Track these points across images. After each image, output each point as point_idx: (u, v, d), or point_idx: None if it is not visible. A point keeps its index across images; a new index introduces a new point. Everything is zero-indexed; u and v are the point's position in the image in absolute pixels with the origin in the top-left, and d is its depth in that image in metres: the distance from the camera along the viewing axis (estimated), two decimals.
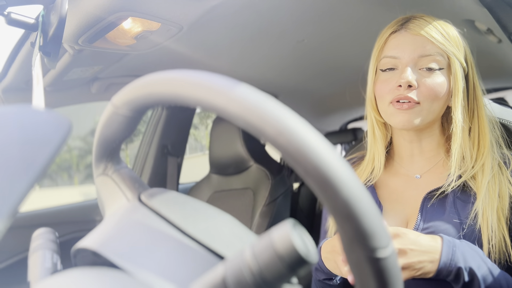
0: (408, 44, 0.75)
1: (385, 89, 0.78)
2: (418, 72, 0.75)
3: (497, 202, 0.72)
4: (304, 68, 1.63)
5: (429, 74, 0.75)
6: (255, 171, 1.71)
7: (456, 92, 0.75)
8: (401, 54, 0.76)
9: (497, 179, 0.74)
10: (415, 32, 0.75)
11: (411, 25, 0.76)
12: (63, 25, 0.80)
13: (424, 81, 0.74)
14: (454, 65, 0.75)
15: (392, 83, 0.77)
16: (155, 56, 1.26)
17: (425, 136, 0.81)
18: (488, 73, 1.74)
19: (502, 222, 0.71)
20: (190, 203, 0.39)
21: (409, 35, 0.76)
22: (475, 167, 0.75)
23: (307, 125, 0.28)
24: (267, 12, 1.07)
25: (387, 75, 0.78)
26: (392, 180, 0.85)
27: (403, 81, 0.74)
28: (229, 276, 0.26)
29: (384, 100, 0.78)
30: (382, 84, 0.79)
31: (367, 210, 0.28)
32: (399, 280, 0.31)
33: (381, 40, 0.80)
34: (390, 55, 0.77)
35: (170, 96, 0.32)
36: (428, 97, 0.74)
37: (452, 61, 0.75)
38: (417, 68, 0.75)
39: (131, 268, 0.31)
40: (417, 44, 0.75)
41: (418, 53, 0.74)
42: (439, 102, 0.75)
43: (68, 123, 0.29)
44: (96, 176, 0.42)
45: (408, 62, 0.75)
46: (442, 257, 0.62)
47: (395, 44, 0.77)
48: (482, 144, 0.76)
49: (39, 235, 0.40)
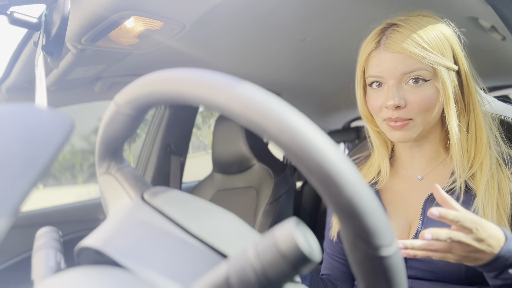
0: (389, 63, 0.73)
1: (376, 106, 0.76)
2: (405, 88, 0.73)
3: (496, 199, 0.71)
4: (307, 66, 1.63)
5: (416, 89, 0.72)
6: (258, 170, 1.71)
7: (447, 100, 0.73)
8: (384, 74, 0.74)
9: (496, 176, 0.73)
10: (393, 50, 0.72)
11: (389, 42, 0.73)
12: (65, 25, 0.80)
13: (412, 97, 0.72)
14: (441, 74, 0.72)
15: (381, 100, 0.75)
16: (158, 55, 1.26)
17: (425, 141, 0.81)
18: (492, 70, 1.73)
19: (504, 219, 0.70)
20: (193, 201, 0.39)
21: (388, 53, 0.73)
22: (474, 165, 0.74)
23: (310, 123, 0.28)
24: (270, 10, 1.07)
25: (376, 92, 0.77)
26: (394, 182, 0.84)
27: (389, 104, 0.72)
28: (232, 275, 0.26)
29: (378, 117, 0.78)
30: (373, 101, 0.77)
31: (370, 208, 0.28)
32: (403, 278, 0.31)
33: (362, 58, 0.79)
34: (374, 75, 0.75)
35: (173, 95, 0.32)
36: (419, 111, 0.73)
37: (437, 70, 0.72)
38: (403, 83, 0.73)
39: (134, 267, 0.31)
40: (398, 62, 0.72)
41: (399, 71, 0.72)
42: (432, 112, 0.74)
43: (70, 122, 0.29)
44: (99, 175, 0.42)
45: (392, 80, 0.73)
46: (506, 245, 0.61)
47: (376, 63, 0.75)
48: (479, 140, 0.75)
49: (42, 234, 0.40)
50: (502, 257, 0.60)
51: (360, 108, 0.84)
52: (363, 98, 0.82)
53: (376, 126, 0.84)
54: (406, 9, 0.82)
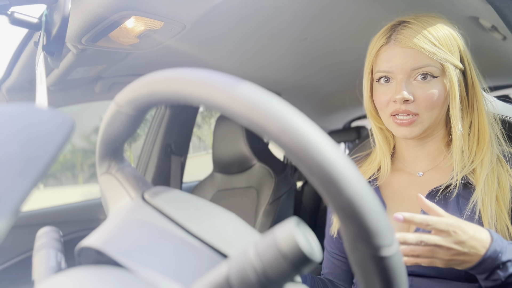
0: (399, 58, 0.75)
1: (383, 101, 0.78)
2: (413, 84, 0.75)
3: (496, 191, 0.72)
4: (307, 66, 1.63)
5: (424, 85, 0.74)
6: (259, 170, 1.71)
7: (453, 97, 0.75)
8: (394, 69, 0.75)
9: (496, 170, 0.74)
10: (404, 45, 0.74)
11: (400, 37, 0.75)
12: (66, 25, 0.80)
13: (420, 93, 0.74)
14: (448, 71, 0.74)
15: (389, 96, 0.77)
16: (158, 55, 1.26)
17: (429, 139, 0.81)
18: (492, 70, 1.73)
19: (504, 212, 0.70)
20: (194, 201, 0.39)
21: (398, 48, 0.75)
22: (475, 161, 0.75)
23: (310, 123, 0.28)
24: (270, 10, 1.07)
25: (383, 88, 0.78)
26: (395, 178, 0.85)
27: (398, 97, 0.74)
28: (233, 275, 0.26)
29: (384, 112, 0.79)
30: (380, 96, 0.78)
31: (371, 208, 0.28)
32: (404, 278, 0.31)
33: (372, 53, 0.80)
34: (383, 70, 0.77)
35: (173, 95, 0.32)
36: (426, 107, 0.74)
37: (445, 67, 0.74)
38: (412, 79, 0.75)
39: (134, 267, 0.31)
40: (408, 57, 0.74)
41: (409, 66, 0.74)
42: (438, 109, 0.75)
43: (71, 121, 0.29)
44: (99, 174, 0.42)
45: (401, 75, 0.75)
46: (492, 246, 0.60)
47: (386, 58, 0.77)
48: (482, 139, 0.76)
49: (43, 234, 0.40)
50: (488, 258, 0.61)
51: (365, 104, 0.85)
52: (369, 94, 0.83)
53: (380, 123, 0.85)
54: (407, 9, 0.82)
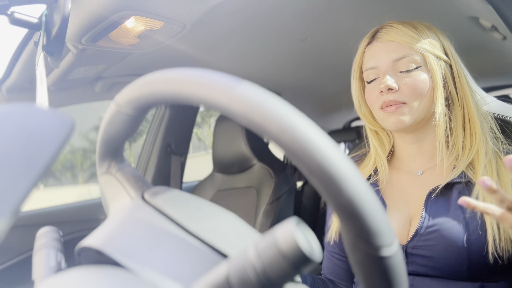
0: (381, 52, 0.80)
1: (372, 97, 0.82)
2: (398, 75, 0.78)
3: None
4: (307, 66, 1.63)
5: (408, 74, 0.78)
6: (259, 170, 1.71)
7: (435, 85, 0.77)
8: (378, 63, 0.80)
9: (495, 165, 0.74)
10: (384, 39, 0.80)
11: (380, 34, 0.81)
12: (66, 24, 0.80)
13: (404, 82, 0.77)
14: (429, 60, 0.77)
15: (376, 90, 0.80)
16: (158, 55, 1.26)
17: (425, 135, 0.82)
18: (492, 70, 1.73)
19: None
20: (194, 201, 0.39)
21: (380, 44, 0.80)
22: (470, 153, 0.76)
23: (310, 123, 0.28)
24: (270, 10, 1.07)
25: (372, 86, 0.82)
26: (394, 177, 0.85)
27: (382, 86, 0.77)
28: (233, 275, 0.26)
29: (374, 107, 0.82)
30: (369, 93, 0.83)
31: (371, 208, 0.28)
32: (404, 278, 0.30)
33: (358, 55, 0.85)
34: (369, 67, 0.81)
35: (173, 95, 0.32)
36: (411, 95, 0.77)
37: (426, 57, 0.77)
38: (396, 72, 0.78)
39: (134, 267, 0.31)
40: (389, 50, 0.79)
41: (391, 58, 0.78)
42: (425, 98, 0.78)
43: (71, 121, 0.29)
44: (99, 174, 0.42)
45: (385, 68, 0.79)
46: None
47: (370, 55, 0.82)
48: (473, 130, 0.78)
49: (43, 233, 0.40)
50: None
51: (356, 106, 0.89)
52: (360, 96, 0.87)
53: (373, 125, 0.87)
54: (407, 9, 0.82)
